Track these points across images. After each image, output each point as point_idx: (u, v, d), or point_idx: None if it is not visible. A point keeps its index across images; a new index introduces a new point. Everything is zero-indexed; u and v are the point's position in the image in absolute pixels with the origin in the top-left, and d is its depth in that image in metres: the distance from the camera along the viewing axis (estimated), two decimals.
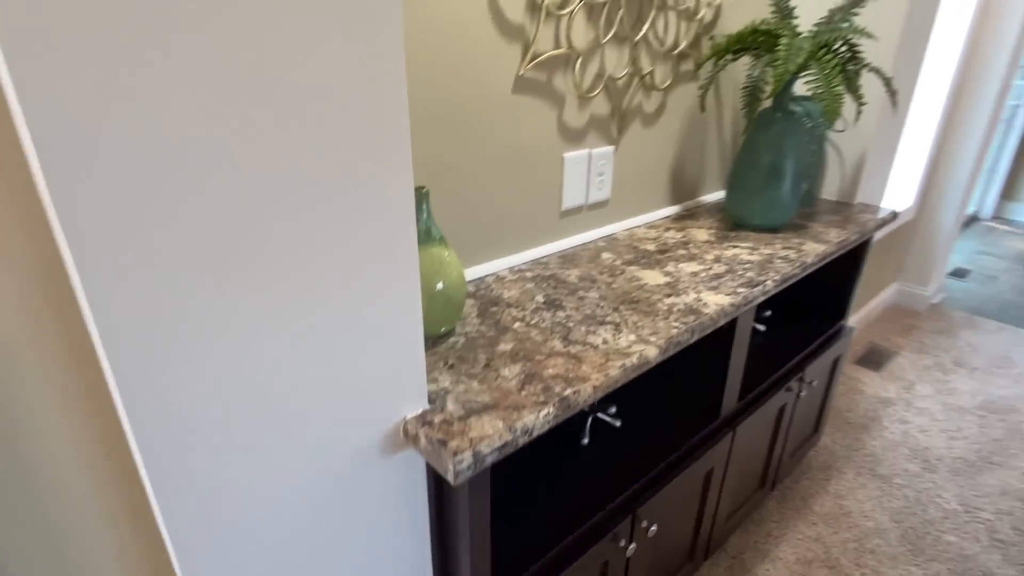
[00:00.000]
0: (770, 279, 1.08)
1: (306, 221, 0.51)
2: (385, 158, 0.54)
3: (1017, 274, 3.48)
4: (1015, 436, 1.99)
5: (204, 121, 0.42)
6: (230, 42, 0.42)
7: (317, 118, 0.48)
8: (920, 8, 1.43)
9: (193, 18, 0.40)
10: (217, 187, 0.44)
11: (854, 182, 1.59)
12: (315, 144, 0.49)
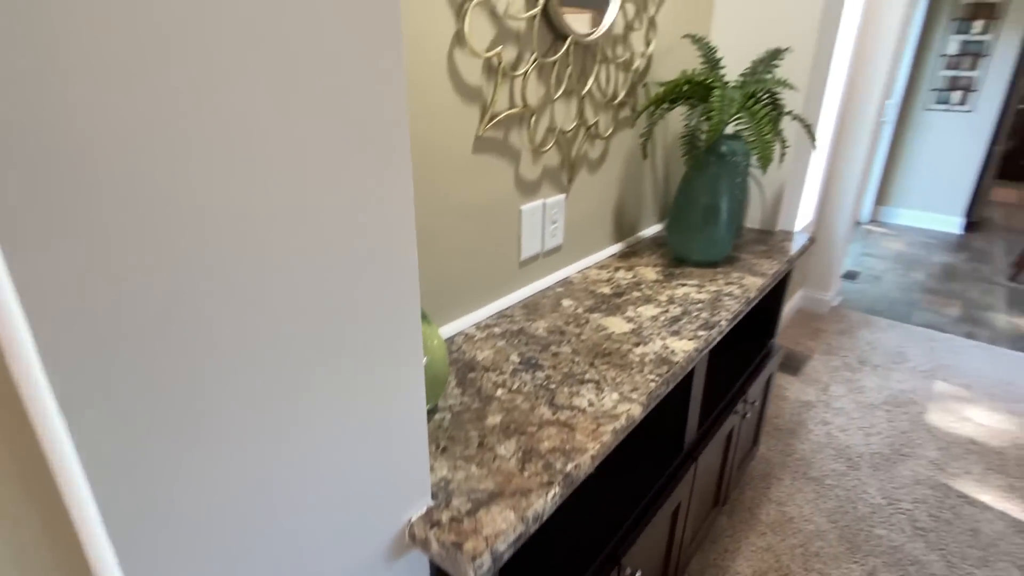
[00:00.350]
0: (723, 318, 1.14)
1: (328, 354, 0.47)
2: (396, 293, 0.52)
3: (898, 273, 3.90)
4: (918, 427, 2.22)
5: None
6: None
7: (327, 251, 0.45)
8: (822, 57, 1.59)
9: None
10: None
11: (775, 211, 1.72)
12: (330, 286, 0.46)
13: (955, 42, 4.46)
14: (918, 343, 2.89)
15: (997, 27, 4.29)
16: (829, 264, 3.16)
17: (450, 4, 0.87)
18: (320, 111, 0.42)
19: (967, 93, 4.52)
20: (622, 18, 1.25)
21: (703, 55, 1.33)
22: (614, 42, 1.26)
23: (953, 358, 2.75)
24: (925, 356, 2.77)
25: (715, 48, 1.33)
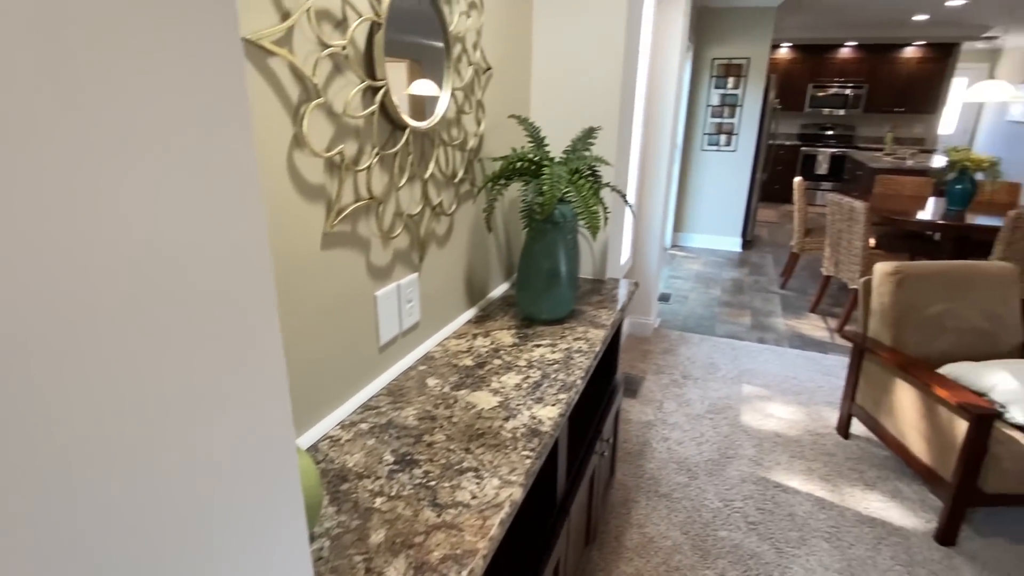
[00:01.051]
0: (577, 377, 1.23)
1: None
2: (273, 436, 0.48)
3: (700, 291, 4.53)
4: (736, 429, 2.58)
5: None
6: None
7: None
8: (625, 129, 1.82)
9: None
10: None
11: (603, 262, 1.90)
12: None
13: (716, 95, 5.39)
14: (724, 352, 3.37)
15: (744, 83, 5.28)
16: (648, 291, 3.56)
17: (286, 109, 0.84)
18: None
19: (730, 136, 5.47)
20: (454, 104, 1.32)
21: (528, 134, 1.44)
22: (448, 126, 1.31)
23: (752, 362, 3.25)
24: (731, 364, 3.23)
25: (539, 128, 1.46)
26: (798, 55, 8.03)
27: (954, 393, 1.86)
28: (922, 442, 2.04)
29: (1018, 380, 1.91)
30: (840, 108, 8.03)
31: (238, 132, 0.37)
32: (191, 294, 0.35)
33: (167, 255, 0.33)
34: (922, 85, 7.65)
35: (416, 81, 1.17)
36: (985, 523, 2.03)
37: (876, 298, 2.30)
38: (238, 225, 0.38)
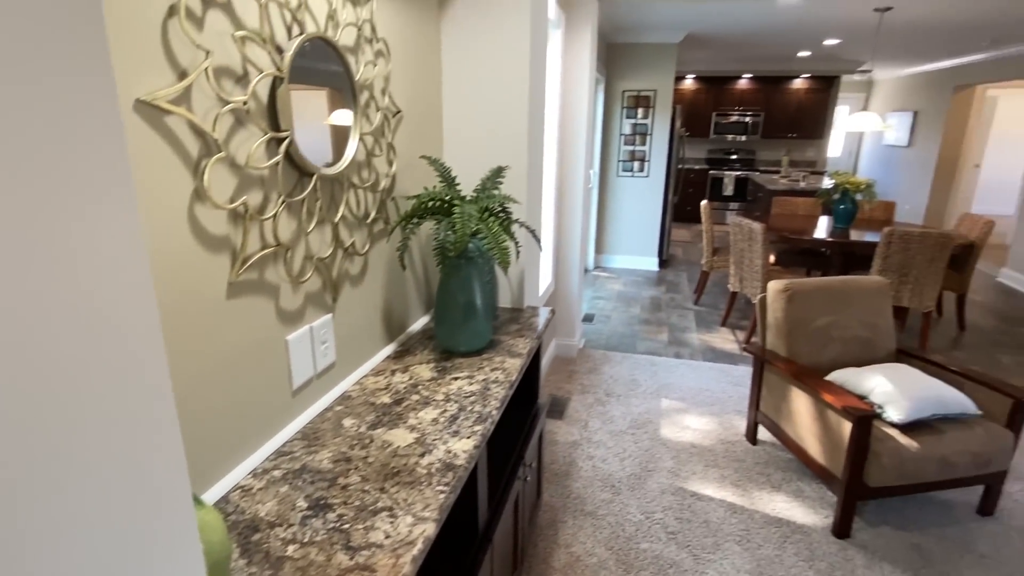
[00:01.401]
0: (493, 408, 1.28)
1: None
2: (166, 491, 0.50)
3: (621, 310, 4.73)
4: (656, 443, 2.71)
5: None
6: None
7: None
8: (535, 167, 1.92)
9: None
10: None
11: (520, 292, 1.98)
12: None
13: (628, 124, 5.71)
14: (644, 369, 3.54)
15: (652, 113, 5.63)
16: (572, 313, 3.68)
17: (186, 164, 0.85)
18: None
19: (643, 162, 5.79)
20: (363, 148, 1.35)
21: (439, 174, 1.50)
22: (359, 168, 1.35)
23: (670, 377, 3.43)
24: (651, 379, 3.39)
25: (449, 168, 1.52)
26: (702, 86, 8.64)
27: (839, 398, 2.06)
28: (817, 444, 2.23)
29: (892, 383, 2.14)
30: (741, 134, 8.69)
31: (118, 202, 0.40)
32: (66, 359, 0.37)
33: (36, 324, 0.35)
34: (810, 113, 8.42)
35: (337, 111, 1.20)
36: (874, 514, 2.24)
37: (771, 313, 2.52)
38: (117, 285, 0.41)
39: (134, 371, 0.43)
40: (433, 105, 1.76)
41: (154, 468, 0.46)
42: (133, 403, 0.43)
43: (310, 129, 1.13)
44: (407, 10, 1.53)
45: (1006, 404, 2.14)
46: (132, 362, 0.42)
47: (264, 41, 0.98)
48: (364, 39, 1.32)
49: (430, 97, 1.73)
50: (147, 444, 0.45)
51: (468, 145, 1.84)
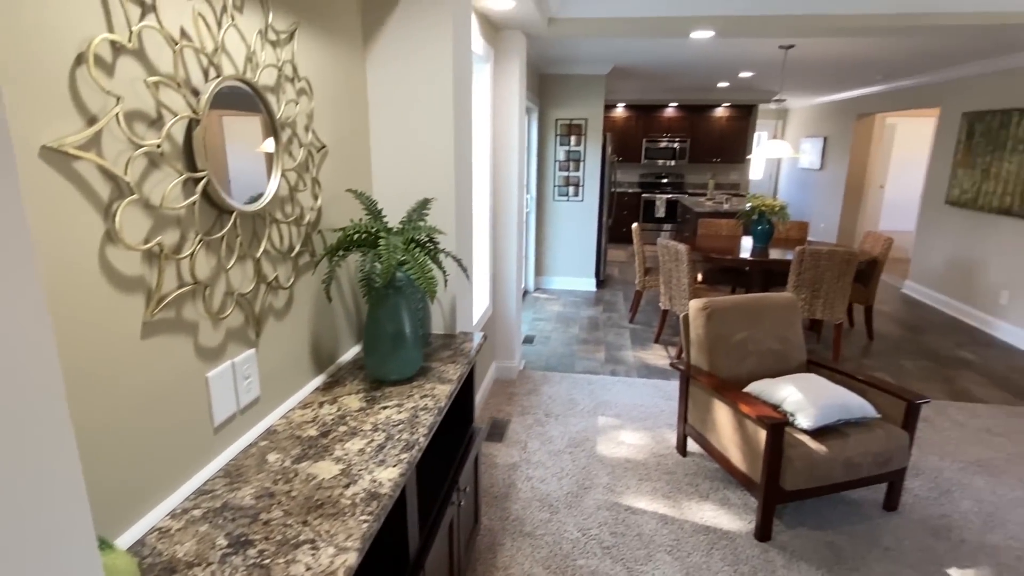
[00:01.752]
0: (421, 435, 1.31)
1: None
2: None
3: (560, 331, 4.84)
4: (593, 460, 2.79)
5: None
6: None
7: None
8: (463, 199, 1.99)
9: None
10: None
11: (453, 318, 2.02)
12: None
13: (562, 151, 5.91)
14: (582, 388, 3.63)
15: (584, 140, 5.85)
16: (510, 336, 3.75)
17: (96, 208, 0.86)
18: None
19: (577, 187, 6.00)
20: (286, 184, 1.38)
21: (365, 207, 1.54)
22: (282, 203, 1.37)
23: (606, 395, 3.54)
24: (588, 398, 3.49)
25: (375, 201, 1.56)
26: (632, 113, 9.05)
27: (754, 408, 2.20)
28: (738, 452, 2.36)
29: (802, 392, 2.31)
30: (670, 159, 9.13)
31: (9, 248, 0.42)
32: None
33: None
34: (732, 139, 8.97)
35: (258, 148, 1.23)
36: (792, 517, 2.38)
37: (693, 330, 2.67)
38: (7, 328, 0.43)
39: (28, 416, 0.45)
40: (360, 139, 1.80)
41: (53, 515, 0.48)
42: (27, 449, 0.45)
43: (232, 166, 1.15)
44: (331, 49, 1.58)
45: (901, 407, 2.35)
46: (26, 408, 0.44)
47: (179, 85, 1.00)
48: (285, 78, 1.36)
49: (357, 132, 1.77)
50: (43, 491, 0.46)
51: (397, 177, 1.89)
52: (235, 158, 1.16)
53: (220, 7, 1.12)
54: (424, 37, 1.77)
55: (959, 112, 5.41)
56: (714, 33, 3.21)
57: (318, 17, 1.50)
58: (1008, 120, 4.73)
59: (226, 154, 1.13)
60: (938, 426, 3.20)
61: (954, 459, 2.85)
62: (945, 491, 2.58)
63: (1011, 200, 4.66)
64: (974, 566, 2.11)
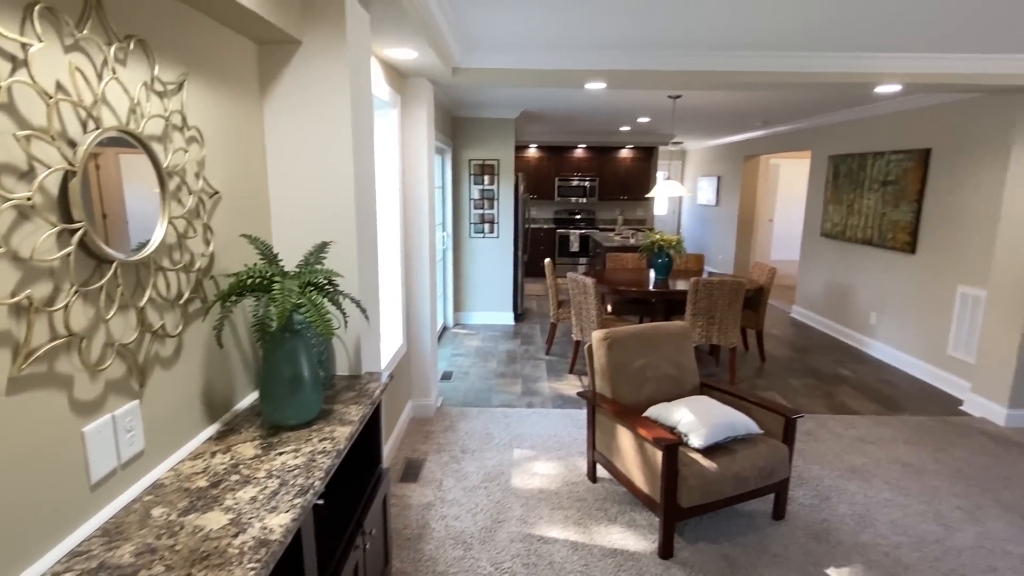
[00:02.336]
0: (317, 479, 1.32)
1: None
2: None
3: (479, 365, 4.89)
4: (507, 493, 2.83)
5: None
6: None
7: None
8: (367, 242, 2.03)
9: None
10: None
11: (358, 358, 2.04)
12: None
13: (476, 190, 6.08)
14: (499, 422, 3.68)
15: (498, 180, 6.06)
16: (426, 373, 3.76)
17: None
18: None
19: (493, 224, 6.16)
20: (174, 231, 1.37)
21: (259, 251, 1.55)
22: (169, 251, 1.36)
23: (522, 427, 3.61)
24: (504, 431, 3.54)
25: (270, 245, 1.58)
26: (544, 154, 9.46)
27: (650, 431, 2.35)
28: (640, 474, 2.49)
29: (694, 414, 2.49)
30: (582, 197, 9.59)
31: None
32: None
33: None
34: (636, 177, 9.57)
35: (142, 196, 1.22)
36: (692, 533, 2.53)
37: (596, 360, 2.81)
38: None
39: None
40: (258, 185, 1.81)
41: None
42: None
43: (116, 214, 1.14)
44: (225, 97, 1.60)
45: (780, 422, 2.58)
46: None
47: (53, 138, 1.00)
48: (173, 128, 1.37)
49: (254, 177, 1.79)
50: None
51: (297, 222, 1.91)
52: (120, 206, 1.16)
53: (100, 61, 1.13)
54: (322, 86, 1.83)
55: (826, 155, 6.11)
56: (606, 85, 3.49)
57: (210, 67, 1.53)
58: (864, 162, 5.40)
59: (113, 202, 1.13)
60: (820, 438, 3.52)
61: (833, 467, 3.14)
62: (825, 498, 2.83)
63: (872, 232, 5.29)
64: (848, 564, 2.33)
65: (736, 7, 2.47)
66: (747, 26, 2.74)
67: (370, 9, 2.04)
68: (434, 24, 2.54)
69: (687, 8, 2.49)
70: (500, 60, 3.29)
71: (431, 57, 2.81)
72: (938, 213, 4.53)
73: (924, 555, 2.39)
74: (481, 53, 3.26)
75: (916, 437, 3.55)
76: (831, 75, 3.33)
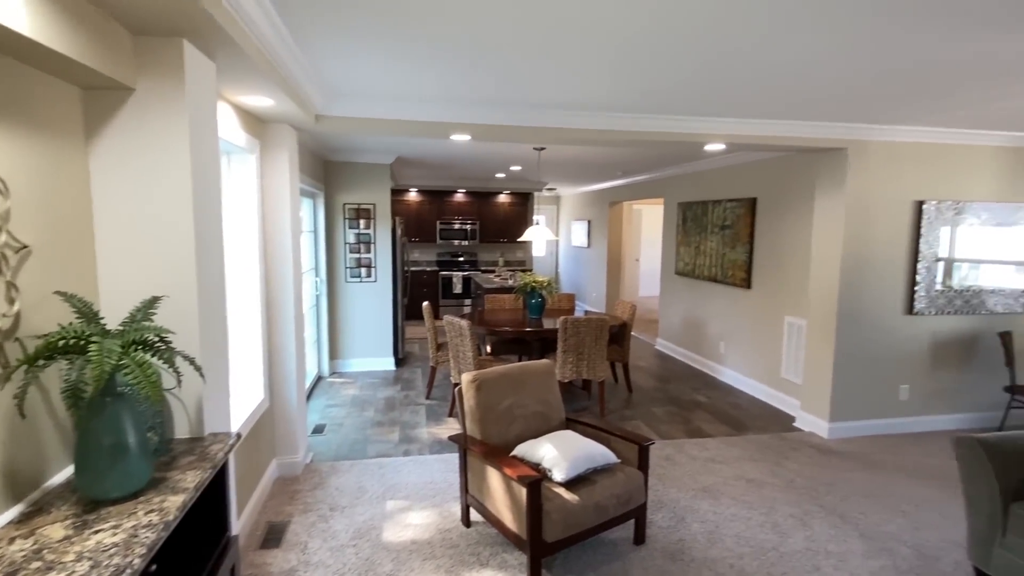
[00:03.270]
0: (137, 556, 1.21)
1: None
2: None
3: (354, 416, 4.72)
4: (378, 549, 2.73)
5: None
6: None
7: None
8: (210, 298, 1.94)
9: None
10: None
11: (199, 419, 1.90)
12: None
13: (352, 234, 5.99)
14: (373, 474, 3.57)
15: (374, 224, 6.02)
16: (292, 430, 3.56)
17: None
18: None
19: (370, 268, 6.08)
20: None
21: (76, 310, 1.43)
22: None
23: (397, 477, 3.52)
24: (378, 483, 3.44)
25: (89, 303, 1.46)
26: (425, 198, 9.57)
27: (515, 469, 2.41)
28: (509, 514, 2.54)
29: (557, 449, 2.60)
30: (463, 239, 9.77)
31: None
32: None
33: None
34: (514, 221, 9.96)
35: None
36: (560, 567, 2.60)
37: (466, 402, 2.85)
38: None
39: None
40: (80, 237, 1.68)
41: None
42: None
43: None
44: (38, 144, 1.49)
45: (635, 450, 2.77)
46: None
47: None
48: None
49: (76, 228, 1.65)
50: None
51: (129, 276, 1.78)
52: None
53: None
54: (158, 134, 1.76)
55: (676, 202, 6.80)
56: (471, 137, 3.66)
57: (19, 113, 1.42)
58: (706, 209, 6.09)
59: None
60: (678, 462, 3.80)
61: (688, 489, 3.40)
62: (680, 519, 3.05)
63: (716, 270, 5.93)
64: None
65: (588, 76, 2.74)
66: (599, 91, 3.04)
67: (215, 58, 2.00)
68: (289, 73, 2.55)
69: (544, 73, 2.72)
70: (365, 109, 3.35)
71: (289, 105, 2.79)
72: (766, 253, 5.21)
73: (763, 562, 2.65)
74: (345, 102, 3.29)
75: (758, 454, 3.95)
76: (670, 134, 3.77)
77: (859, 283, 4.20)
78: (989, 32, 2.11)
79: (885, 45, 2.26)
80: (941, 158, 4.20)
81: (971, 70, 2.59)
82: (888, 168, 4.14)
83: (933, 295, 4.29)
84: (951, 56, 2.38)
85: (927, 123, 3.86)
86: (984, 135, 4.15)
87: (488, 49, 2.38)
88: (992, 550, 2.37)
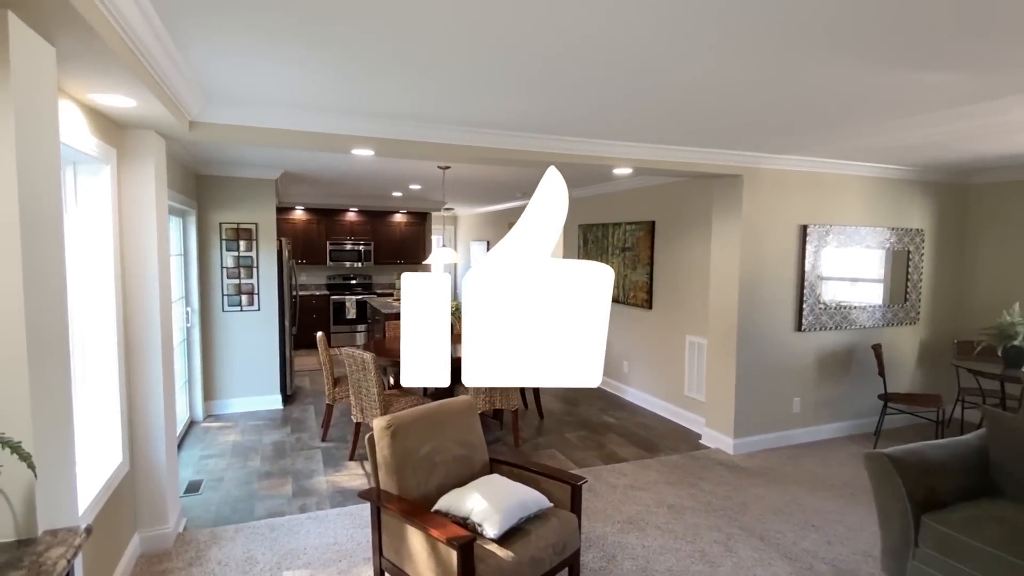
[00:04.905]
0: None
1: None
2: None
3: (236, 467, 4.10)
4: None
5: None
6: None
7: None
8: (45, 369, 1.47)
9: None
10: None
11: (30, 515, 1.42)
12: None
13: (230, 257, 5.32)
14: (263, 539, 3.06)
15: (256, 245, 5.41)
16: (160, 493, 2.96)
17: None
18: None
19: (252, 295, 5.43)
20: None
21: None
22: None
23: (293, 540, 3.04)
24: (270, 550, 2.94)
25: None
26: (313, 217, 8.91)
27: (443, 530, 2.12)
28: None
29: (486, 499, 2.34)
30: (356, 261, 9.21)
31: None
32: None
33: None
34: (411, 242, 9.59)
35: None
36: None
37: (379, 452, 2.50)
38: None
39: None
40: None
41: None
42: None
43: None
44: None
45: (567, 489, 2.58)
46: None
47: None
48: None
49: None
50: None
51: None
52: None
53: None
54: None
55: (577, 224, 6.87)
56: (374, 152, 3.34)
57: None
58: (608, 231, 6.18)
59: None
60: (598, 492, 3.68)
61: (614, 522, 3.28)
62: (612, 557, 2.91)
63: (618, 291, 6.01)
64: None
65: (505, 95, 2.56)
66: (510, 109, 2.87)
67: (55, 40, 1.56)
68: (157, 68, 2.10)
69: (451, 87, 2.49)
70: (251, 117, 2.92)
71: (156, 107, 2.32)
72: (666, 274, 5.35)
73: None
74: (227, 107, 2.84)
75: (674, 476, 3.95)
76: (578, 156, 3.71)
77: (755, 302, 4.41)
78: (879, 67, 2.23)
79: (784, 72, 2.32)
80: (819, 186, 4.56)
81: (857, 103, 2.76)
82: (777, 194, 4.41)
83: (817, 312, 4.62)
84: (842, 87, 2.51)
85: (810, 153, 4.16)
86: (852, 165, 4.57)
87: (393, 59, 2.11)
88: (906, 564, 2.46)
